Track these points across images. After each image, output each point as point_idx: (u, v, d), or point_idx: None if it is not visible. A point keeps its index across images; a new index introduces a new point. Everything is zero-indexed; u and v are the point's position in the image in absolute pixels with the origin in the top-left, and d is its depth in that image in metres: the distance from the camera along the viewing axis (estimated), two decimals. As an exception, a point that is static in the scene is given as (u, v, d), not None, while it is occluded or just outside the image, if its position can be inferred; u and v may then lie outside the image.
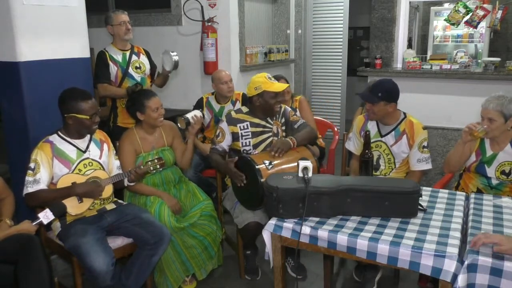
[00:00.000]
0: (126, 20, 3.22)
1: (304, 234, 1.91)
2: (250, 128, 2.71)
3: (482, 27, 5.32)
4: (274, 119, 2.77)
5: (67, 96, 2.31)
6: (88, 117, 2.31)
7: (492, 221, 1.93)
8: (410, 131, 2.61)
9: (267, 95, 2.63)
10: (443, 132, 4.19)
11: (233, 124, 2.72)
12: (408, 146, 2.62)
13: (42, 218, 2.07)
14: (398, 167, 2.68)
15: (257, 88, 2.63)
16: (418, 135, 2.60)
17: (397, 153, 2.64)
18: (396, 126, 2.64)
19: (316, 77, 6.16)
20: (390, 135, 2.64)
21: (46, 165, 2.26)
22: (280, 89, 2.64)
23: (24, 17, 2.62)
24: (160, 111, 2.68)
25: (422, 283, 2.66)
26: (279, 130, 2.77)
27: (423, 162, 2.60)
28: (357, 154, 2.82)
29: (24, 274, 1.97)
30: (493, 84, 3.92)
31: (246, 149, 2.70)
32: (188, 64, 4.43)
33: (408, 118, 2.66)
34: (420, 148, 2.59)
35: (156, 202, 2.61)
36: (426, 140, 2.61)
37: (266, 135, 2.73)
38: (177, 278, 2.63)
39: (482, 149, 2.51)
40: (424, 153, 2.60)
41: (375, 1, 4.53)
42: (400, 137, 2.63)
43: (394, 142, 2.64)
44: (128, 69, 3.26)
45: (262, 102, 2.66)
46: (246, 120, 2.72)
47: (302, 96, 3.71)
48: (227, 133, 2.71)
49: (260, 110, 2.70)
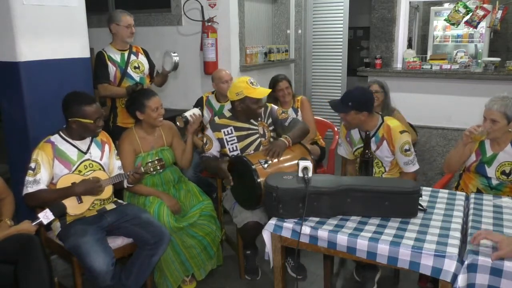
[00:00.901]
0: (132, 23, 3.23)
1: (304, 234, 1.91)
2: (234, 133, 2.69)
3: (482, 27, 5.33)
4: (259, 120, 2.75)
5: (71, 100, 2.31)
6: (93, 122, 2.31)
7: (492, 221, 1.93)
8: (389, 137, 2.60)
9: (249, 101, 2.61)
10: (443, 132, 4.19)
11: (218, 130, 2.70)
12: (390, 151, 2.62)
13: (42, 218, 2.07)
14: (389, 169, 2.69)
15: (238, 94, 2.60)
16: (397, 140, 2.57)
17: (381, 157, 2.66)
18: (375, 133, 2.63)
19: (316, 77, 6.16)
20: (372, 141, 2.60)
21: (47, 165, 2.26)
22: (262, 95, 2.63)
23: (24, 17, 2.62)
24: (160, 110, 2.68)
25: (422, 283, 2.65)
26: (265, 130, 2.76)
27: (410, 165, 2.60)
28: (349, 158, 2.84)
29: (24, 274, 1.97)
30: (493, 84, 3.92)
31: (234, 154, 2.68)
32: (188, 64, 4.43)
33: (385, 122, 2.63)
34: (402, 152, 2.58)
35: (155, 202, 2.61)
36: (407, 143, 2.57)
37: (253, 137, 2.71)
38: (176, 278, 2.63)
39: (482, 149, 2.51)
40: (408, 156, 2.58)
41: (375, 1, 4.53)
42: (380, 143, 2.63)
43: (376, 147, 2.64)
44: (127, 69, 3.26)
45: (243, 107, 2.64)
46: (229, 125, 2.71)
47: (304, 97, 3.71)
48: (214, 139, 2.71)
49: (242, 114, 2.69)
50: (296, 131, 2.63)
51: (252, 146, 2.70)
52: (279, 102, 3.61)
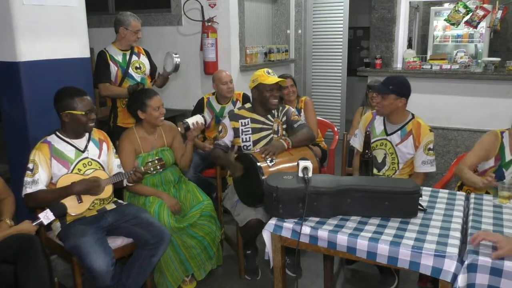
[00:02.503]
0: (140, 28, 3.25)
1: (304, 234, 1.91)
2: (250, 124, 2.77)
3: (482, 27, 5.33)
4: (275, 117, 2.80)
5: (62, 94, 2.33)
6: (84, 113, 2.31)
7: (492, 221, 1.93)
8: (417, 132, 2.60)
9: (262, 88, 2.72)
10: (443, 132, 4.19)
11: (235, 120, 2.79)
12: (414, 147, 2.60)
13: (42, 219, 2.08)
14: (401, 168, 2.66)
15: (254, 81, 2.76)
16: (425, 136, 2.58)
17: (402, 153, 2.63)
18: (403, 126, 2.63)
19: (316, 77, 6.16)
20: (396, 134, 2.62)
21: (45, 165, 2.26)
22: (273, 81, 2.71)
23: (24, 17, 2.62)
24: (161, 110, 2.69)
25: (422, 283, 2.65)
26: (279, 128, 2.80)
27: (428, 165, 2.59)
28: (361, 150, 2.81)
29: (24, 274, 1.97)
30: (493, 84, 3.92)
31: (246, 144, 2.75)
32: (188, 64, 4.43)
33: (416, 119, 2.65)
34: (425, 150, 2.57)
35: (156, 202, 2.61)
36: (432, 142, 2.59)
37: (266, 132, 2.76)
38: (176, 278, 2.63)
39: (502, 154, 2.48)
40: (429, 155, 2.58)
41: (375, 1, 4.53)
42: (406, 137, 2.62)
43: (399, 141, 2.62)
44: (128, 69, 3.26)
45: (258, 94, 2.76)
46: (247, 117, 2.79)
47: (308, 97, 3.72)
48: (229, 128, 2.78)
49: (257, 103, 2.79)
50: (299, 135, 2.67)
51: (264, 140, 2.74)
52: (283, 101, 3.62)
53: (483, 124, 3.95)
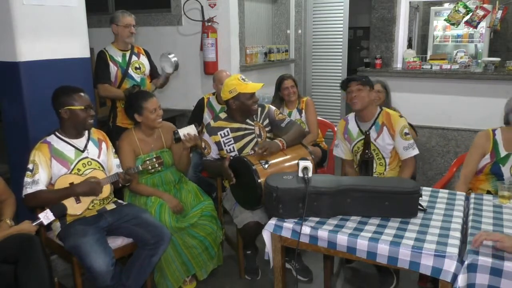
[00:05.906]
0: (132, 23, 3.22)
1: (304, 234, 1.91)
2: (231, 134, 2.69)
3: (482, 27, 5.33)
4: (255, 120, 2.75)
5: (59, 92, 2.34)
6: (83, 107, 2.30)
7: (492, 221, 1.93)
8: (389, 122, 2.66)
9: (243, 97, 2.61)
10: (443, 132, 4.19)
11: (214, 134, 2.70)
12: (391, 136, 2.65)
13: (42, 219, 2.07)
14: (389, 163, 2.69)
15: (231, 91, 2.61)
16: (397, 123, 2.64)
17: (382, 146, 2.67)
18: (375, 120, 2.69)
19: (316, 77, 6.16)
20: (371, 130, 2.66)
21: (45, 165, 2.26)
22: (254, 89, 2.63)
23: (24, 17, 2.62)
24: (158, 112, 2.66)
25: (422, 283, 2.65)
26: (261, 131, 2.74)
27: (410, 149, 2.63)
28: (347, 158, 2.84)
29: (24, 274, 1.97)
30: (493, 84, 3.92)
31: (232, 155, 2.66)
32: (188, 64, 4.42)
33: (384, 110, 2.73)
34: (402, 135, 2.62)
35: (157, 203, 2.61)
36: (406, 127, 2.64)
37: (249, 137, 2.71)
38: (177, 278, 2.62)
39: (496, 150, 2.49)
40: (408, 140, 2.62)
41: (375, 1, 4.53)
42: (381, 130, 2.67)
43: (376, 136, 2.67)
44: (128, 70, 3.25)
45: (238, 104, 2.64)
46: (225, 127, 2.70)
47: (309, 98, 3.72)
48: (211, 143, 2.71)
49: (237, 113, 2.69)
50: (291, 134, 2.61)
51: (249, 146, 2.70)
52: (284, 102, 3.62)
53: (483, 124, 3.93)
